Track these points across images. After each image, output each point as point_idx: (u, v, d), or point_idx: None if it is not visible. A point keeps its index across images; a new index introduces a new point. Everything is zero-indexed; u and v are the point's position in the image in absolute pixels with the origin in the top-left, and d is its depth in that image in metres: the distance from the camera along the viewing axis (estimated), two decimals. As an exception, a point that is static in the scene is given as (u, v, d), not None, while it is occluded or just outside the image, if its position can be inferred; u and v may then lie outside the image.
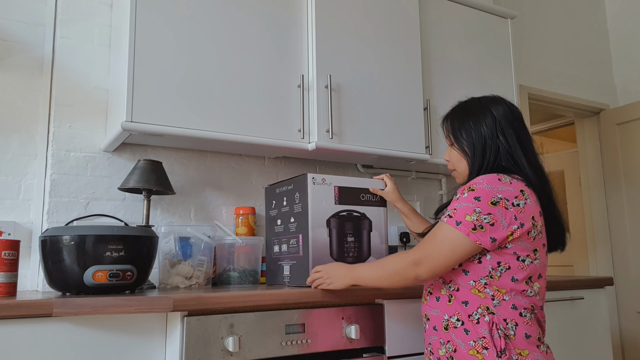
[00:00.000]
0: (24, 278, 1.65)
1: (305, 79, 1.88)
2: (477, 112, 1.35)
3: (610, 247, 3.38)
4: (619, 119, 3.40)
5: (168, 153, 1.92)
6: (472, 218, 1.20)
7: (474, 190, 1.23)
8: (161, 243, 1.70)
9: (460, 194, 1.25)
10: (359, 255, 1.62)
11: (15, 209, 1.68)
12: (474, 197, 1.22)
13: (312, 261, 1.54)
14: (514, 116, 1.34)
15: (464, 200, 1.23)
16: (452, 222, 1.22)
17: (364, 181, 1.68)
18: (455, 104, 1.44)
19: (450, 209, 1.24)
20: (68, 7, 1.81)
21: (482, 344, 1.19)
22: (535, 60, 3.22)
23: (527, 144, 1.33)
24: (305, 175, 1.58)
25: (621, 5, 3.60)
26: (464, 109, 1.39)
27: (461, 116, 1.38)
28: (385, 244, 1.68)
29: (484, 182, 1.23)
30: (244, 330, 1.31)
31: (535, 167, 1.31)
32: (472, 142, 1.34)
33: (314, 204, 1.57)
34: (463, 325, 1.24)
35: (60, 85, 1.77)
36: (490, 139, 1.31)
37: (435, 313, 1.31)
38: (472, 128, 1.34)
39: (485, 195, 1.21)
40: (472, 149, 1.34)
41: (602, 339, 2.07)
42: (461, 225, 1.20)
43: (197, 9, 1.71)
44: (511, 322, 1.21)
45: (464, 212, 1.21)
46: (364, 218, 1.65)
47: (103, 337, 1.22)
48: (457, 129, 1.37)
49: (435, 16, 2.26)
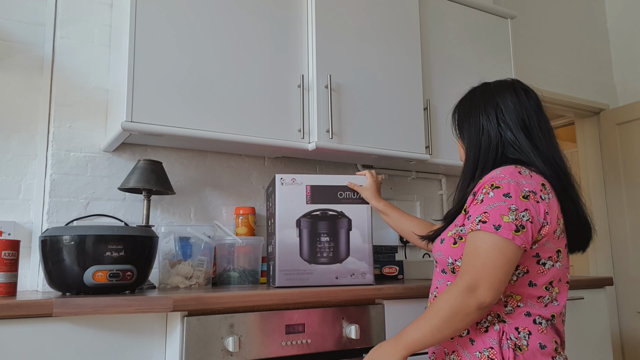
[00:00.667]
0: (24, 278, 1.65)
1: (305, 79, 1.88)
2: (480, 102, 1.26)
3: (610, 247, 3.38)
4: (619, 119, 3.39)
5: (168, 153, 1.92)
6: (510, 218, 1.05)
7: (500, 187, 1.08)
8: (161, 243, 1.70)
9: (483, 194, 1.10)
10: (335, 256, 1.57)
11: (15, 209, 1.68)
12: (503, 194, 1.07)
13: (279, 262, 1.54)
14: (522, 104, 1.22)
15: (492, 200, 1.08)
16: (489, 227, 1.05)
17: (341, 178, 1.62)
18: (467, 91, 1.34)
19: (479, 214, 1.08)
20: (68, 7, 1.81)
21: (489, 355, 1.07)
22: (535, 60, 3.22)
23: (537, 133, 1.19)
24: (274, 176, 1.58)
25: (621, 5, 3.60)
26: (469, 99, 1.30)
27: (464, 107, 1.30)
28: (369, 243, 1.60)
29: (507, 176, 1.10)
30: (244, 330, 1.31)
31: (547, 157, 1.17)
32: (470, 133, 1.25)
33: (281, 204, 1.56)
34: (469, 334, 1.12)
35: (60, 85, 1.77)
36: (491, 129, 1.20)
37: None
38: (472, 119, 1.25)
39: (514, 189, 1.07)
40: (469, 141, 1.25)
41: (602, 339, 2.07)
42: (502, 230, 1.04)
43: (197, 8, 1.71)
44: (524, 330, 1.09)
45: (499, 213, 1.05)
46: (342, 216, 1.60)
47: (103, 337, 1.22)
48: (459, 121, 1.30)
49: (435, 16, 2.26)
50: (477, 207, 1.09)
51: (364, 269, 1.59)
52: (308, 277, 1.55)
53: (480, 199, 1.10)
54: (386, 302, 1.53)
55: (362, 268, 1.57)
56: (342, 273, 1.57)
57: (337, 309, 1.44)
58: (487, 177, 1.14)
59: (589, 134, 3.58)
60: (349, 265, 1.58)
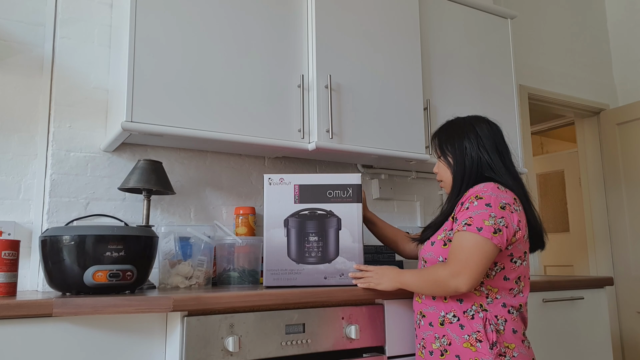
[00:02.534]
0: (24, 278, 1.65)
1: (305, 79, 1.88)
2: (461, 128, 1.48)
3: (610, 247, 3.38)
4: (619, 119, 3.40)
5: (168, 153, 1.92)
6: (490, 222, 1.29)
7: (482, 198, 1.32)
8: (161, 243, 1.70)
9: (468, 203, 1.34)
10: (323, 255, 1.56)
11: (15, 209, 1.68)
12: (485, 203, 1.31)
13: (267, 262, 1.54)
14: (494, 132, 1.47)
15: (476, 208, 1.31)
16: (473, 229, 1.29)
17: (330, 177, 1.60)
18: (444, 123, 1.56)
19: (464, 218, 1.32)
20: (68, 7, 1.81)
21: (477, 337, 1.30)
22: (535, 60, 3.22)
23: (506, 156, 1.46)
24: (263, 176, 1.58)
25: (621, 5, 3.60)
26: (450, 126, 1.52)
27: (447, 132, 1.51)
28: (359, 242, 1.57)
29: (489, 190, 1.34)
30: (244, 330, 1.31)
31: (514, 176, 1.44)
32: (455, 155, 1.46)
33: (269, 204, 1.56)
34: (459, 320, 1.34)
35: (60, 85, 1.77)
36: (473, 151, 1.44)
37: (431, 310, 1.39)
38: (457, 142, 1.47)
39: (494, 201, 1.31)
40: (455, 161, 1.46)
41: (602, 339, 2.08)
42: (483, 231, 1.28)
43: (197, 8, 1.71)
44: (501, 318, 1.33)
45: (481, 218, 1.29)
46: (331, 216, 1.58)
47: (103, 337, 1.22)
48: (444, 143, 1.50)
49: (435, 16, 2.26)
50: (464, 213, 1.33)
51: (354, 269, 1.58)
52: (296, 277, 1.54)
53: (466, 207, 1.34)
54: (386, 302, 1.53)
55: (351, 268, 1.56)
56: (330, 273, 1.56)
57: (337, 309, 1.44)
58: (472, 191, 1.38)
59: (589, 134, 3.58)
60: (338, 265, 1.56)
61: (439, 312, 1.37)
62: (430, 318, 1.39)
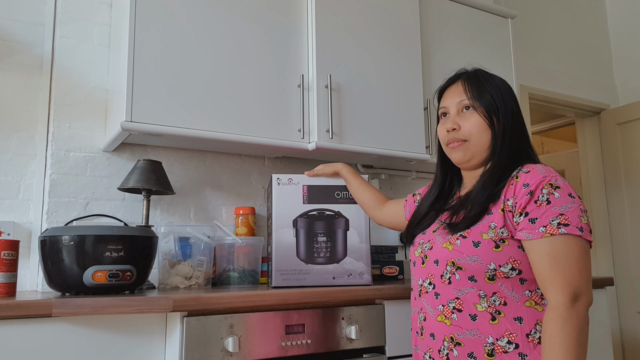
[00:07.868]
0: (23, 278, 1.65)
1: (305, 79, 1.88)
2: (501, 83, 1.16)
3: (610, 247, 3.37)
4: (619, 119, 3.39)
5: (168, 153, 1.91)
6: (585, 219, 0.99)
7: (560, 187, 1.00)
8: (161, 243, 1.69)
9: (546, 195, 0.99)
10: (332, 256, 1.57)
11: (14, 209, 1.68)
12: (568, 194, 1.00)
13: (276, 262, 1.54)
14: None
15: (560, 201, 0.99)
16: (574, 230, 0.97)
17: (338, 178, 1.63)
18: (477, 69, 1.20)
19: (554, 216, 0.98)
20: (68, 7, 1.81)
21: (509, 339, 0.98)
22: (535, 60, 3.21)
23: None
24: (271, 177, 1.59)
25: (621, 5, 3.60)
26: (487, 74, 1.16)
27: (496, 83, 1.14)
28: (366, 243, 1.60)
29: (556, 175, 1.03)
30: (244, 331, 1.30)
31: None
32: (506, 112, 1.10)
33: (278, 205, 1.57)
34: (517, 348, 0.99)
35: (60, 85, 1.76)
36: (520, 117, 1.11)
37: (471, 336, 1.03)
38: (507, 98, 1.11)
39: (572, 189, 1.01)
40: (505, 119, 1.09)
41: (602, 339, 2.07)
42: (585, 232, 0.98)
43: (197, 8, 1.71)
44: None
45: (576, 215, 0.98)
46: (339, 216, 1.60)
47: (103, 338, 1.22)
48: (494, 94, 1.11)
49: (436, 16, 2.26)
50: (546, 209, 0.98)
51: (362, 269, 1.58)
52: (305, 277, 1.55)
53: (545, 200, 0.99)
54: (386, 302, 1.52)
55: (359, 268, 1.56)
56: (339, 273, 1.56)
57: (337, 309, 1.44)
58: (536, 175, 1.01)
59: (590, 134, 3.57)
60: (346, 265, 1.57)
61: (485, 339, 1.01)
62: (471, 347, 1.02)
